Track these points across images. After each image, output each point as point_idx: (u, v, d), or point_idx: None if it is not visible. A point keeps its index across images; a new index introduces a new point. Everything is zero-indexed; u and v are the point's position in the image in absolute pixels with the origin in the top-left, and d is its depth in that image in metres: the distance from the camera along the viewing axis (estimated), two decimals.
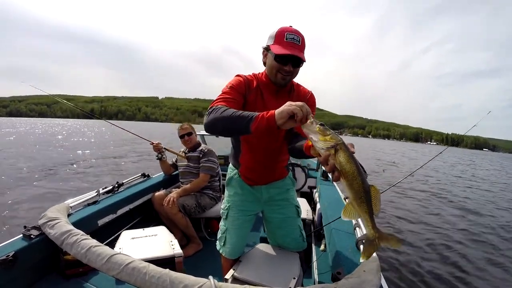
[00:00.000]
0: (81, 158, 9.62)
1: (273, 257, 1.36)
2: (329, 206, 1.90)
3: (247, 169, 1.33)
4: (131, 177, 2.47)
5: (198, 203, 2.19)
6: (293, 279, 1.18)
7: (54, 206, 1.57)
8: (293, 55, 1.03)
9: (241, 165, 1.34)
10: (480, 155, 61.52)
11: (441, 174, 11.32)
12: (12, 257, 1.22)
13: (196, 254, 2.11)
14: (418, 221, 4.47)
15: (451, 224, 4.44)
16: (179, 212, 2.05)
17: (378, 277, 0.92)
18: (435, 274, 2.83)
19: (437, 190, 7.24)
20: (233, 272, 1.21)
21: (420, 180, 8.43)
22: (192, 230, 2.13)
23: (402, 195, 6.24)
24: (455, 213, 5.11)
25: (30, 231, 1.40)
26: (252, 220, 1.42)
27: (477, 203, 6.00)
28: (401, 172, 10.34)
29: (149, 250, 1.50)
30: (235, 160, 1.37)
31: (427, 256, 3.23)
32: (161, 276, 0.89)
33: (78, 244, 1.13)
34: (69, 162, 8.66)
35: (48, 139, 17.64)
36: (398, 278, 2.72)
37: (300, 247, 1.43)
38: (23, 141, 15.10)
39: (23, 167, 7.38)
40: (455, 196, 6.58)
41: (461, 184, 8.85)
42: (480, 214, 5.18)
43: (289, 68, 1.08)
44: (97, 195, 1.97)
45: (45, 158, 9.21)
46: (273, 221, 1.41)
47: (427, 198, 6.21)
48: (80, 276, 1.44)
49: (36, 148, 12.40)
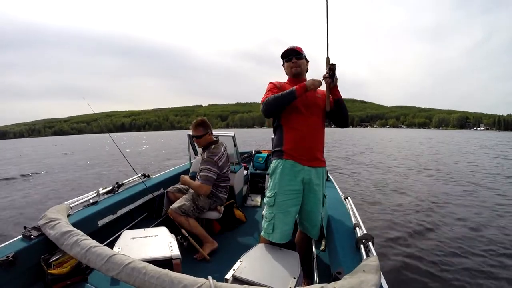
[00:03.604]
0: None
1: (273, 257, 1.36)
2: (329, 206, 1.90)
3: (291, 144, 1.51)
4: (131, 178, 2.47)
5: (195, 204, 2.14)
6: (293, 279, 1.18)
7: (54, 207, 1.57)
8: (290, 49, 1.57)
9: (285, 144, 1.53)
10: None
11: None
12: (12, 258, 1.23)
13: (213, 255, 2.02)
14: (421, 220, 4.46)
15: (457, 223, 4.43)
16: (181, 216, 2.02)
17: (378, 277, 0.92)
18: (436, 273, 2.82)
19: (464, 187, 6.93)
20: (233, 272, 1.21)
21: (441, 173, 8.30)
22: (200, 229, 2.09)
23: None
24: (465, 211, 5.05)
25: (30, 232, 1.40)
26: (299, 203, 1.52)
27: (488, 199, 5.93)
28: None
29: (147, 251, 1.49)
30: (279, 142, 1.56)
31: (427, 256, 3.22)
32: (160, 276, 0.89)
33: (78, 245, 1.13)
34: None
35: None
36: (398, 278, 2.72)
37: (317, 234, 1.59)
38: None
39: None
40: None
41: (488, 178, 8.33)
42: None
43: (294, 60, 1.57)
44: (96, 196, 1.97)
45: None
46: (305, 203, 1.53)
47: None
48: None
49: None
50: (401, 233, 3.88)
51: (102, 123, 15.97)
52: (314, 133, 1.52)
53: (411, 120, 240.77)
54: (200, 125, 2.29)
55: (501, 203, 5.51)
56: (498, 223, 4.40)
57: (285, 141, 1.53)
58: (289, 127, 1.53)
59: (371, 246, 1.17)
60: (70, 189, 6.78)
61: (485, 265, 3.02)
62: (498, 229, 4.14)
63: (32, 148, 30.84)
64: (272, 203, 1.49)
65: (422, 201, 5.67)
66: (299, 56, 1.57)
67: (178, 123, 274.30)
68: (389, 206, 5.25)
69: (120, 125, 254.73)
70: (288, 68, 1.60)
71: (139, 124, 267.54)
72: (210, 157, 2.22)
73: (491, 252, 3.34)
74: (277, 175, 1.51)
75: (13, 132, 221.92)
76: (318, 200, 1.53)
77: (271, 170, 1.57)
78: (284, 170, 1.49)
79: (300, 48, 1.58)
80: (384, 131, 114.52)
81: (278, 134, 1.59)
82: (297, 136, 1.50)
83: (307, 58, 1.64)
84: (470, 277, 2.77)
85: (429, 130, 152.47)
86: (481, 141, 28.56)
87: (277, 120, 1.60)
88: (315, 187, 1.51)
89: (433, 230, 4.06)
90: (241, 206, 3.05)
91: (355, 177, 8.21)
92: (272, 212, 1.49)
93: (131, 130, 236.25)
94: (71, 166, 11.71)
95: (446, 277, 2.76)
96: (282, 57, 1.62)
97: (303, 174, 1.49)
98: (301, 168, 1.48)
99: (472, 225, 4.33)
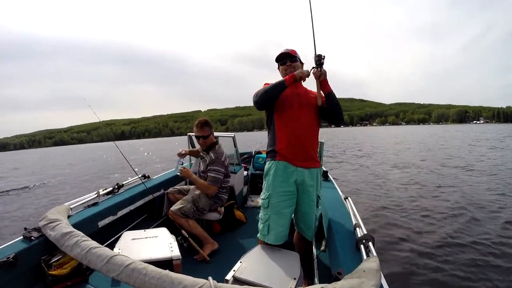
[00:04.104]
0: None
1: (273, 258, 1.36)
2: (329, 206, 1.90)
3: (284, 144, 1.51)
4: (131, 179, 2.47)
5: (196, 206, 2.12)
6: (293, 279, 1.18)
7: (55, 208, 1.58)
8: (284, 52, 1.59)
9: (278, 143, 1.53)
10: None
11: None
12: (12, 259, 1.23)
13: (213, 255, 2.02)
14: (421, 220, 4.45)
15: (457, 222, 4.42)
16: (181, 217, 2.01)
17: (378, 277, 0.92)
18: (436, 274, 2.82)
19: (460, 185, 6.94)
20: (233, 273, 1.21)
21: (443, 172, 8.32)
22: (200, 230, 2.08)
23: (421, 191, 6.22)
24: (465, 209, 5.05)
25: (30, 233, 1.40)
26: (293, 204, 1.53)
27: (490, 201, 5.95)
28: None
29: (147, 252, 1.49)
30: (272, 142, 1.57)
31: (428, 256, 3.22)
32: (161, 277, 0.89)
33: (78, 246, 1.13)
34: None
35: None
36: (398, 278, 2.71)
37: (312, 235, 1.59)
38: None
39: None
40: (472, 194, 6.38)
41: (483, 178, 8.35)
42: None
43: (289, 63, 1.58)
44: (97, 197, 1.97)
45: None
46: (299, 204, 1.54)
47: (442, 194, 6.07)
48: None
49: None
50: (402, 234, 3.87)
51: (104, 131, 15.67)
52: (307, 132, 1.53)
53: (411, 117, 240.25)
54: (206, 124, 2.23)
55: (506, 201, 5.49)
56: (501, 222, 4.39)
57: (278, 140, 1.54)
58: (282, 126, 1.54)
59: (371, 246, 1.16)
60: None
61: (486, 265, 3.01)
62: (502, 229, 4.13)
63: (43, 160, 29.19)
64: (267, 205, 1.51)
65: (422, 202, 5.67)
66: (293, 59, 1.59)
67: (178, 129, 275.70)
68: (389, 206, 5.24)
69: (120, 133, 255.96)
70: (283, 71, 1.61)
71: (138, 131, 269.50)
72: (218, 158, 2.20)
73: (492, 253, 3.33)
74: (271, 177, 1.52)
75: (13, 143, 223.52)
76: (312, 201, 1.53)
77: (265, 172, 1.58)
78: (277, 172, 1.50)
79: (295, 51, 1.60)
80: (384, 129, 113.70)
81: (271, 133, 1.60)
82: (290, 135, 1.50)
83: (301, 61, 1.65)
84: (470, 277, 2.77)
85: (429, 126, 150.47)
86: (482, 134, 28.04)
87: (270, 119, 1.61)
88: (308, 188, 1.51)
89: (434, 230, 4.05)
90: (241, 206, 3.05)
91: (355, 177, 8.21)
92: (267, 214, 1.50)
93: (131, 138, 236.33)
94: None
95: (446, 277, 2.76)
96: (276, 61, 1.64)
97: (296, 175, 1.49)
98: (294, 169, 1.49)
99: (473, 225, 4.33)
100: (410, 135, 34.25)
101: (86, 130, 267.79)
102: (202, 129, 2.21)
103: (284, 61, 1.59)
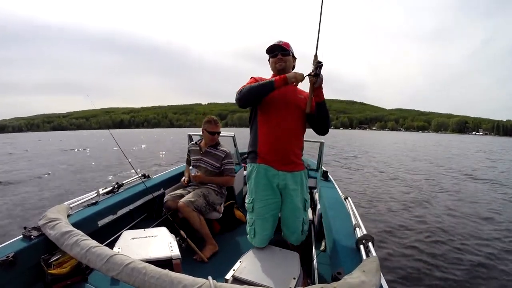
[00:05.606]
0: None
1: (273, 258, 1.36)
2: (329, 206, 1.90)
3: (265, 146, 1.45)
4: (131, 178, 2.47)
5: (206, 201, 2.13)
6: (293, 279, 1.18)
7: (54, 207, 1.57)
8: (276, 44, 1.47)
9: (260, 144, 1.47)
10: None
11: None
12: (12, 258, 1.23)
13: (213, 255, 1.99)
14: (420, 221, 4.46)
15: (457, 223, 4.43)
16: (194, 211, 1.97)
17: (378, 277, 0.92)
18: (436, 274, 2.82)
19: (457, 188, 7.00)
20: (233, 273, 1.21)
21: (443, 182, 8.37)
22: (207, 230, 2.05)
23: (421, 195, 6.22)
24: (462, 211, 5.06)
25: (30, 232, 1.40)
26: (277, 208, 1.49)
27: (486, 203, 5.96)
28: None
29: (147, 251, 1.49)
30: (254, 142, 1.50)
31: (428, 256, 3.22)
32: (160, 276, 0.89)
33: (78, 245, 1.13)
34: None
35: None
36: (398, 278, 2.71)
37: (298, 240, 1.53)
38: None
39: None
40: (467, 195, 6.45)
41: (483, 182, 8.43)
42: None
43: (280, 56, 1.46)
44: (97, 196, 1.97)
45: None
46: (282, 209, 1.50)
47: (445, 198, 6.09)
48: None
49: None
50: (401, 234, 3.88)
51: (103, 119, 15.84)
52: (290, 135, 1.44)
53: (410, 123, 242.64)
54: (218, 122, 2.38)
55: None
56: (502, 221, 4.40)
57: (259, 141, 1.47)
58: (264, 126, 1.46)
59: (371, 246, 1.16)
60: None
61: (486, 265, 3.02)
62: (502, 229, 4.14)
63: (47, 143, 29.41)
64: (251, 209, 1.49)
65: (423, 202, 5.67)
66: (285, 53, 1.47)
67: (177, 121, 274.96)
68: (389, 206, 5.24)
69: (119, 121, 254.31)
70: (272, 63, 1.50)
71: (138, 121, 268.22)
72: (229, 152, 2.39)
73: (492, 253, 3.34)
74: (253, 181, 1.48)
75: (12, 126, 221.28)
76: (295, 206, 1.47)
77: (247, 175, 1.53)
78: (259, 175, 1.45)
79: (288, 44, 1.49)
80: (383, 134, 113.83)
81: (253, 132, 1.52)
82: (272, 137, 1.43)
83: (294, 55, 1.55)
84: (470, 277, 2.77)
85: (428, 134, 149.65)
86: (480, 146, 27.89)
87: (253, 117, 1.53)
88: (291, 192, 1.45)
89: (434, 230, 4.06)
90: (241, 206, 3.04)
91: (356, 177, 8.21)
92: (252, 218, 1.50)
93: (130, 127, 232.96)
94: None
95: (446, 277, 2.76)
96: (267, 52, 1.51)
97: (278, 179, 1.43)
98: (276, 173, 1.43)
99: (473, 226, 4.33)
100: (413, 143, 33.88)
101: (85, 116, 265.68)
102: (217, 125, 2.35)
103: (275, 54, 1.47)
